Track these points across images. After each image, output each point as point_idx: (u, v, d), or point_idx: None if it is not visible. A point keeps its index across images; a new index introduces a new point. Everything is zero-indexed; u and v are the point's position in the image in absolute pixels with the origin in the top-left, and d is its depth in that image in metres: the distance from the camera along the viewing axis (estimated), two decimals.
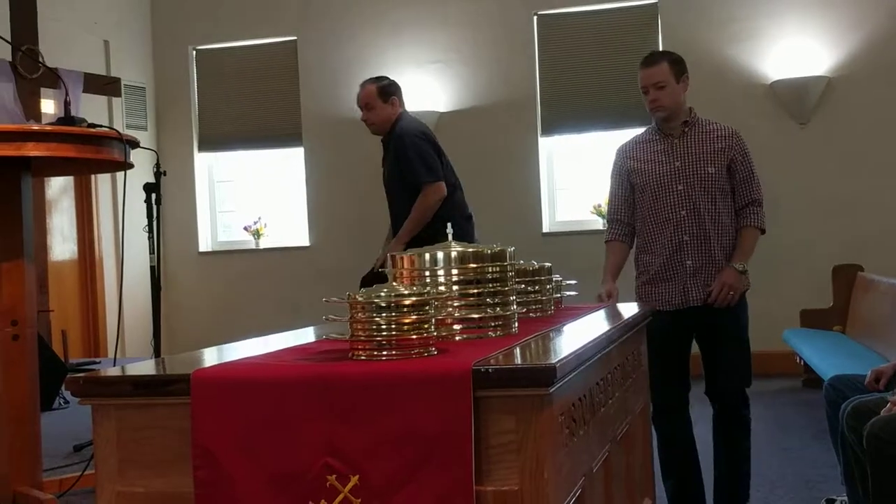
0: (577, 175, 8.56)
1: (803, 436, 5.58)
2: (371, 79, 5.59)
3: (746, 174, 4.00)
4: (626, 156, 4.10)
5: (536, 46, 8.62)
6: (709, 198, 3.93)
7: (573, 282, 3.34)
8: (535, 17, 8.63)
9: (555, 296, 3.12)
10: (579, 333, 2.56)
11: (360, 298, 2.00)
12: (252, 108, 9.30)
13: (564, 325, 2.74)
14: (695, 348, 4.05)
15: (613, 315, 3.19)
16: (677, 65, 3.99)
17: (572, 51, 8.55)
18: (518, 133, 8.62)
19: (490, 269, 2.37)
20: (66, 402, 5.97)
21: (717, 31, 8.23)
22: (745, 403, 4.03)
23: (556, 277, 3.12)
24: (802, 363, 6.90)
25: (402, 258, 2.39)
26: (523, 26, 8.63)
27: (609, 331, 2.61)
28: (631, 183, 4.05)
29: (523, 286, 2.83)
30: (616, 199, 4.11)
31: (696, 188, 3.93)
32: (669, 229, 3.95)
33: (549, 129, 8.63)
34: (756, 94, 8.15)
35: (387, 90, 5.47)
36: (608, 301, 3.86)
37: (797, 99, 8.02)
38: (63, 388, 6.01)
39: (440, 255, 2.36)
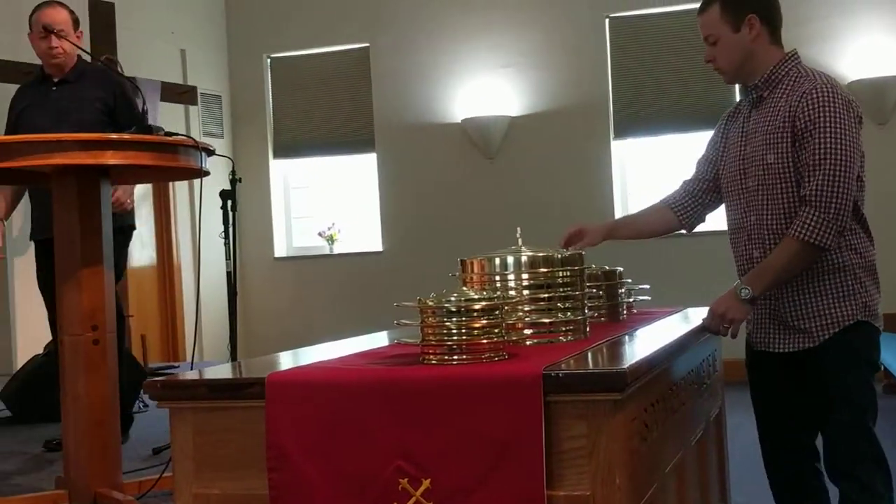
0: (650, 179, 8.49)
1: (884, 443, 5.45)
2: (57, 1, 4.75)
3: (810, 156, 2.77)
4: (720, 129, 3.16)
5: (609, 49, 8.57)
6: (773, 199, 2.87)
7: (646, 286, 3.31)
8: (608, 20, 8.58)
9: (627, 300, 3.10)
10: (652, 338, 2.54)
11: (430, 303, 2.01)
12: (326, 115, 9.39)
13: (637, 329, 2.72)
14: None
15: (687, 320, 3.15)
16: (734, 7, 2.90)
17: (645, 53, 8.48)
18: (590, 137, 8.58)
19: (561, 274, 2.37)
20: (146, 405, 6.08)
21: (794, 32, 8.06)
22: (860, 489, 2.89)
23: (629, 282, 3.10)
24: (883, 368, 6.76)
25: (471, 263, 2.39)
26: (595, 29, 8.58)
27: (682, 336, 2.59)
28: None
29: (595, 290, 2.81)
30: (699, 164, 3.21)
31: (760, 186, 2.90)
32: (742, 239, 2.98)
33: (622, 133, 8.57)
34: None
35: (77, 19, 4.80)
36: (563, 242, 3.00)
37: (875, 99, 7.86)
38: (142, 391, 6.12)
39: (510, 259, 2.36)
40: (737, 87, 3.06)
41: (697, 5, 3.05)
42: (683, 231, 3.30)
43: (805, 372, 2.95)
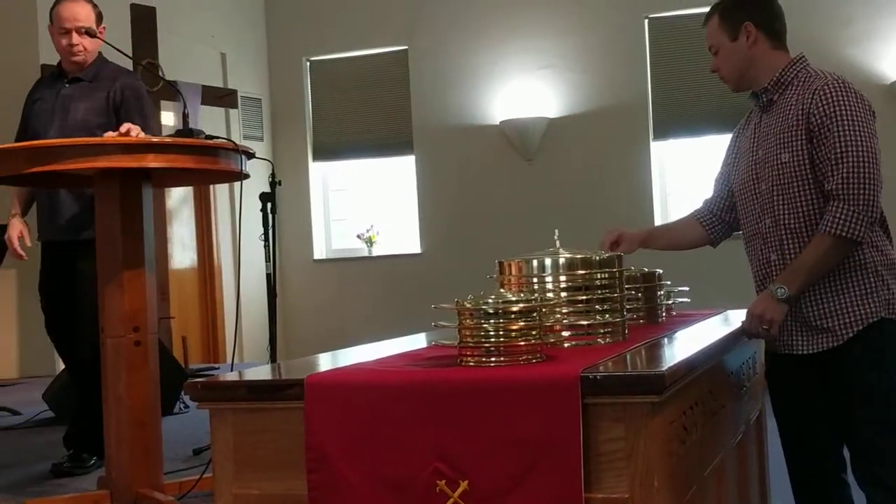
0: (690, 180, 8.45)
1: None
2: None
3: (830, 151, 2.71)
4: (732, 144, 3.18)
5: (648, 50, 8.54)
6: (788, 199, 2.81)
7: (685, 288, 3.30)
8: (647, 21, 8.55)
9: (666, 302, 3.09)
10: (691, 341, 2.53)
11: (468, 305, 2.02)
12: (364, 118, 9.43)
13: (676, 332, 2.71)
14: None
15: (727, 322, 3.14)
16: (730, 17, 2.94)
17: (685, 54, 8.44)
18: (630, 138, 8.55)
19: (599, 276, 2.36)
20: (186, 406, 6.12)
21: (837, 32, 8.03)
22: (885, 491, 2.79)
23: (668, 284, 3.09)
24: None
25: (509, 264, 2.39)
26: (634, 30, 8.56)
27: (722, 338, 2.57)
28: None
29: (633, 293, 2.80)
30: (716, 183, 3.21)
31: (774, 188, 2.85)
32: (758, 244, 2.93)
33: (661, 134, 8.54)
34: (876, 94, 7.92)
35: (101, 14, 4.45)
36: (606, 247, 2.97)
37: None
38: (183, 392, 6.16)
39: (548, 261, 2.36)
40: None
41: None
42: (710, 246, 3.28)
43: (829, 372, 2.87)
